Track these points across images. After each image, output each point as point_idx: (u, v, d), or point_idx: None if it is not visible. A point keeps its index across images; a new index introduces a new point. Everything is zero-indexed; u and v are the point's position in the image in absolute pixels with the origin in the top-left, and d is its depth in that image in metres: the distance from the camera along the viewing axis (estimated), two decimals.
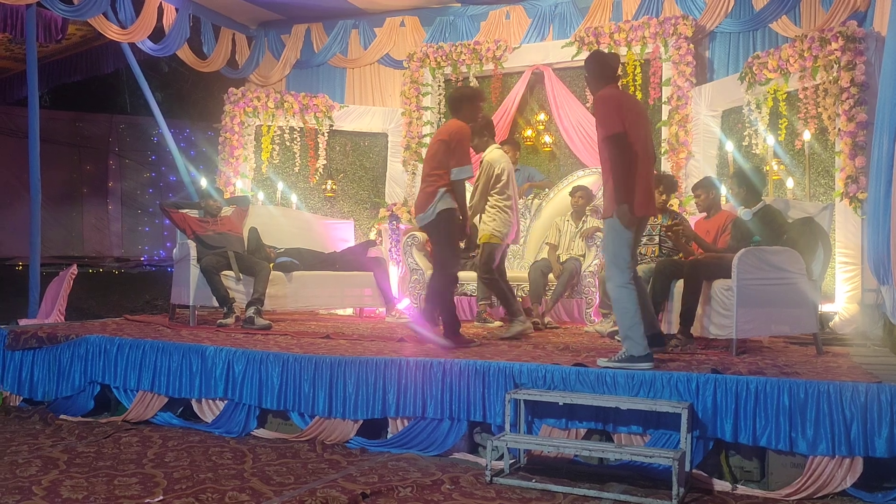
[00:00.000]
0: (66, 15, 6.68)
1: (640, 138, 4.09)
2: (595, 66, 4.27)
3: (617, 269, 4.06)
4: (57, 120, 12.12)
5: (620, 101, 4.11)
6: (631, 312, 4.01)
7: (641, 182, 4.06)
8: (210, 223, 6.27)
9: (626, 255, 4.07)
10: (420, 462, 3.91)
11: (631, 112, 4.10)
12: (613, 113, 4.03)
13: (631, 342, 3.98)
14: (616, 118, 4.01)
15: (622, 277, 4.04)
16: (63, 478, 3.56)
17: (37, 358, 5.17)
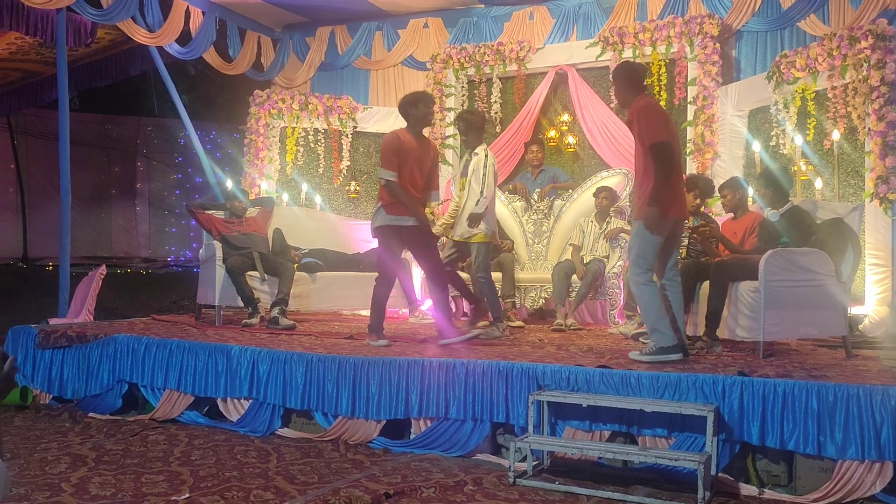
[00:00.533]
0: (95, 19, 6.78)
1: (677, 145, 4.25)
2: (625, 76, 4.38)
3: (639, 268, 4.23)
4: (86, 123, 12.31)
5: (662, 110, 4.27)
6: (655, 306, 4.19)
7: (676, 186, 4.24)
8: (235, 224, 6.33)
9: (650, 257, 4.24)
10: (443, 463, 3.91)
11: (671, 120, 4.26)
12: (659, 121, 4.18)
13: (659, 334, 4.16)
14: (662, 127, 4.17)
15: (643, 276, 4.22)
16: (91, 475, 3.61)
17: (66, 357, 5.26)
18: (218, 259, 6.02)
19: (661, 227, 4.20)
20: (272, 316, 5.84)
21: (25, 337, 5.39)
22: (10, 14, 6.85)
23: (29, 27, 7.02)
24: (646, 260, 4.23)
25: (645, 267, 4.23)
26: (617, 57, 7.13)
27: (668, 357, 4.10)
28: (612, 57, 7.15)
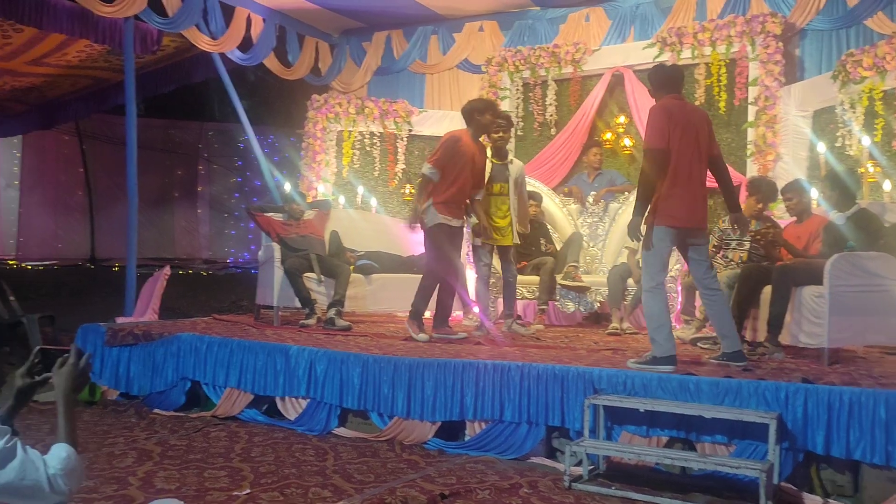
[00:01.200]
0: (161, 27, 7.00)
1: (688, 150, 4.10)
2: (658, 77, 4.34)
3: (647, 274, 4.19)
4: (151, 127, 12.70)
5: (669, 114, 4.11)
6: (656, 315, 4.12)
7: (680, 193, 4.09)
8: (293, 226, 6.44)
9: (659, 262, 4.16)
10: (498, 465, 3.92)
11: (678, 125, 4.10)
12: (659, 126, 4.08)
13: (656, 344, 4.09)
14: (659, 133, 4.07)
15: (650, 282, 4.15)
16: (157, 469, 3.73)
17: (133, 354, 5.43)
18: (276, 260, 6.14)
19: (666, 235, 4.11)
20: (329, 317, 5.93)
21: (94, 335, 5.59)
22: (81, 23, 7.11)
23: (98, 35, 7.28)
24: (653, 265, 4.16)
25: (653, 272, 4.15)
26: (675, 58, 7.02)
27: (657, 368, 3.96)
28: (671, 58, 7.05)
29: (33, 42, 7.78)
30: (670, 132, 4.07)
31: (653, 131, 4.11)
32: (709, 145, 4.27)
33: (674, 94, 4.26)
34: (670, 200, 4.10)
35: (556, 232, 7.13)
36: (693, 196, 4.15)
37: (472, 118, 5.35)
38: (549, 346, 5.16)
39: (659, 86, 4.32)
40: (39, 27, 6.90)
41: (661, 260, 4.18)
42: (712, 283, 4.30)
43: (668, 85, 4.29)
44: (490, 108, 5.45)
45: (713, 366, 4.19)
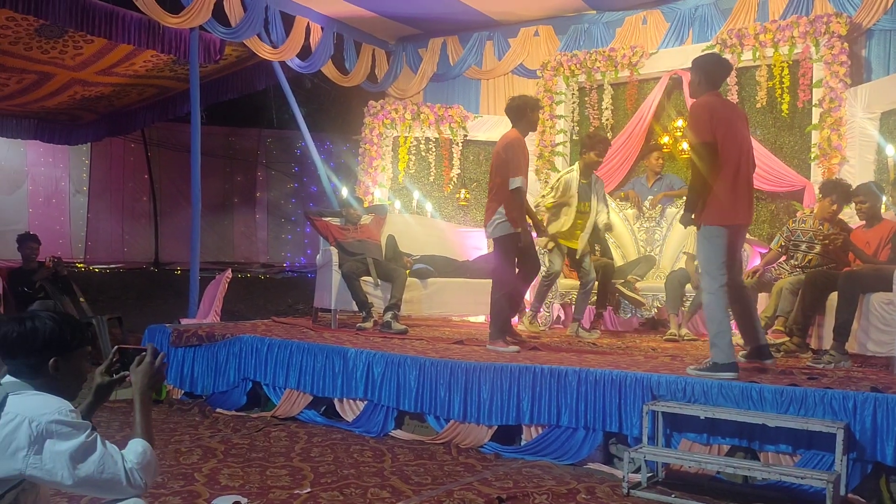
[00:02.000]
0: (224, 37, 7.20)
1: (734, 147, 4.04)
2: (706, 67, 4.19)
3: (708, 276, 4.08)
4: (212, 135, 13.02)
5: (714, 110, 4.05)
6: (718, 320, 4.03)
7: (730, 191, 4.02)
8: (350, 231, 6.54)
9: (718, 262, 4.05)
10: (554, 470, 3.91)
11: (724, 121, 4.04)
12: (705, 121, 4.01)
13: (717, 350, 3.99)
14: (706, 127, 4.00)
15: (713, 284, 4.05)
16: (221, 466, 3.83)
17: (197, 355, 5.59)
18: (334, 264, 6.24)
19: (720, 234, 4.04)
20: (385, 320, 6.00)
21: (161, 335, 5.76)
22: (148, 33, 7.36)
23: (164, 45, 7.51)
24: (714, 265, 4.05)
25: (715, 273, 4.04)
26: (735, 60, 6.90)
27: (720, 375, 3.87)
28: (731, 60, 6.91)
29: (103, 52, 8.08)
30: (714, 127, 4.01)
31: (699, 126, 4.05)
32: (748, 143, 4.22)
33: (714, 91, 4.19)
34: (718, 198, 4.04)
35: (613, 237, 7.07)
36: (741, 193, 4.09)
37: (525, 115, 5.25)
38: (607, 351, 5.13)
39: (709, 79, 4.17)
40: (109, 38, 7.15)
41: (720, 260, 4.07)
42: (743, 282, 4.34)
43: (716, 80, 4.20)
44: (537, 105, 5.49)
45: (776, 373, 4.10)
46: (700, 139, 4.02)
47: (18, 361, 1.97)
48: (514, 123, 5.32)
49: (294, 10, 7.83)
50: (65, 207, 12.95)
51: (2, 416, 1.84)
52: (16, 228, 10.30)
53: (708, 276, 4.08)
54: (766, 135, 6.91)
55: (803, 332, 4.86)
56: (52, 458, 1.84)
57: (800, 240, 5.29)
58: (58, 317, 2.04)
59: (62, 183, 12.97)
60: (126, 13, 7.08)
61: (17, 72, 8.48)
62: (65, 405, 1.92)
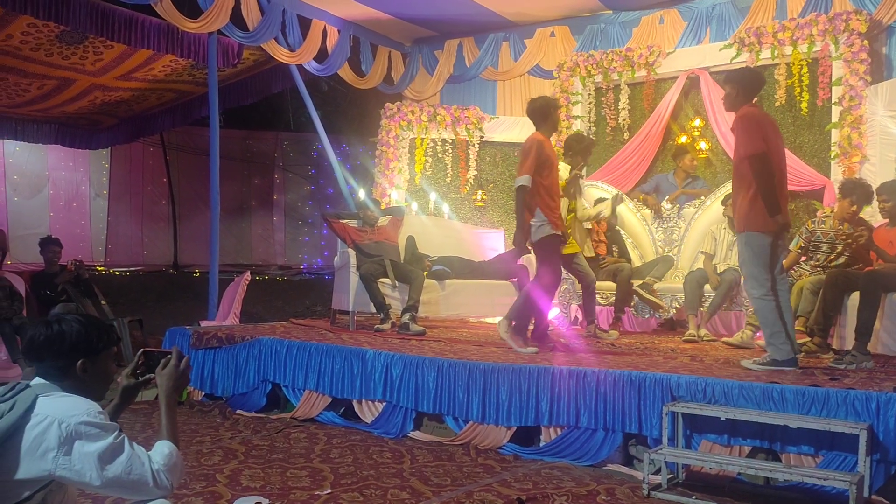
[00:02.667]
0: (242, 41, 7.26)
1: (777, 155, 4.24)
2: (744, 82, 4.36)
3: (755, 280, 4.23)
4: (230, 138, 13.08)
5: (761, 120, 4.24)
6: (772, 321, 4.21)
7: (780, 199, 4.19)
8: (367, 232, 6.57)
9: (763, 267, 4.22)
10: (574, 471, 3.90)
11: (769, 130, 4.24)
12: (756, 132, 4.17)
13: (774, 347, 4.19)
14: (758, 137, 4.16)
15: (761, 290, 4.22)
16: (242, 468, 3.86)
17: (217, 357, 5.63)
18: (352, 266, 6.27)
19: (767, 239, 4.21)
20: (403, 322, 6.02)
21: (181, 337, 5.81)
22: (167, 38, 7.42)
23: (183, 50, 7.58)
24: (761, 271, 4.22)
25: (762, 279, 4.23)
26: (754, 58, 6.86)
27: (781, 369, 4.11)
28: (749, 59, 6.89)
29: (123, 58, 8.16)
30: (765, 137, 4.18)
31: (752, 137, 4.18)
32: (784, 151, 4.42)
33: (753, 103, 4.36)
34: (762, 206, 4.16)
35: (630, 237, 7.06)
36: (783, 199, 4.28)
37: (548, 116, 5.18)
38: (625, 352, 5.11)
39: (747, 91, 4.35)
40: (129, 43, 7.23)
41: (765, 266, 4.23)
42: (783, 284, 4.39)
43: (753, 92, 4.37)
44: (557, 105, 5.51)
45: (798, 374, 4.07)
46: (755, 150, 4.16)
47: (46, 364, 2.00)
48: (539, 126, 5.22)
49: (311, 14, 7.88)
50: (85, 211, 13.09)
51: (32, 418, 1.87)
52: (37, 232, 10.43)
53: (755, 281, 4.23)
54: (785, 133, 6.81)
55: (824, 333, 4.83)
56: (80, 458, 1.87)
57: (820, 241, 5.25)
58: (84, 319, 2.07)
59: (82, 187, 13.11)
60: (145, 18, 7.15)
61: (38, 77, 8.59)
62: (93, 407, 1.95)
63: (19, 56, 7.86)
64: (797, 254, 5.39)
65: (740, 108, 4.31)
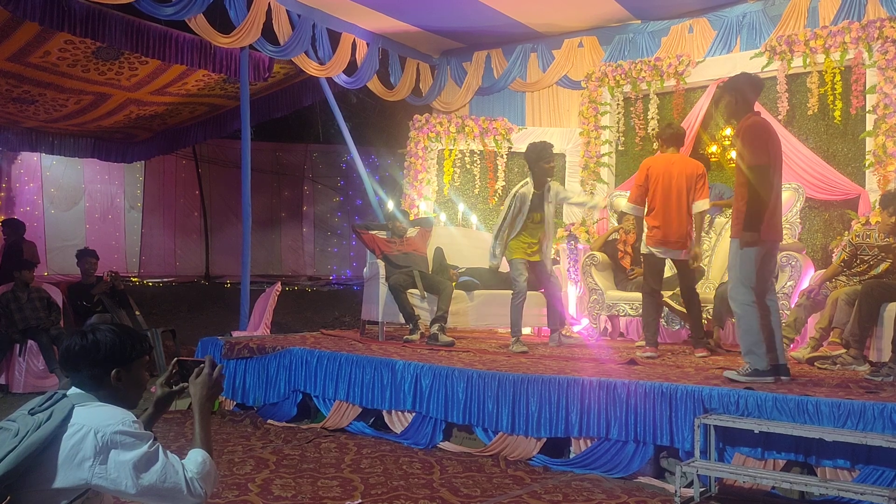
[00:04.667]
0: (273, 55, 7.36)
1: (776, 168, 4.23)
2: (743, 90, 4.33)
3: (743, 287, 4.21)
4: (260, 150, 13.29)
5: (768, 132, 4.23)
6: (754, 330, 4.17)
7: (773, 210, 4.20)
8: (396, 243, 6.60)
9: (751, 275, 4.20)
10: (604, 484, 3.88)
11: (773, 142, 4.23)
12: (762, 143, 4.17)
13: (755, 357, 4.14)
14: (764, 149, 4.16)
15: (747, 297, 4.20)
16: (273, 477, 3.90)
17: (248, 367, 5.69)
18: (381, 277, 6.30)
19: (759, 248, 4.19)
20: (432, 332, 6.03)
21: (213, 347, 5.89)
22: (200, 54, 7.57)
23: (216, 65, 7.72)
24: (748, 278, 4.20)
25: (749, 285, 4.19)
26: (785, 67, 6.78)
27: (762, 380, 4.06)
28: (780, 67, 6.81)
29: (157, 73, 8.33)
30: (769, 149, 4.17)
31: (757, 148, 4.17)
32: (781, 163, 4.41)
33: (754, 112, 4.35)
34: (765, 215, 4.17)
35: None
36: (779, 211, 4.30)
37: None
38: (656, 363, 5.06)
39: (747, 99, 4.32)
40: (163, 59, 7.38)
41: (755, 275, 4.22)
42: (773, 295, 4.42)
43: (752, 98, 4.34)
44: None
45: (832, 386, 4.01)
46: (759, 161, 4.14)
47: (82, 374, 2.04)
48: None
49: (340, 27, 7.97)
50: (120, 223, 13.34)
51: (69, 428, 1.91)
52: (74, 244, 10.66)
53: (743, 289, 4.21)
54: (818, 142, 6.77)
55: (860, 344, 4.74)
56: (116, 467, 1.90)
57: (866, 254, 5.16)
58: (117, 329, 2.11)
59: (117, 199, 13.37)
60: (179, 34, 7.30)
61: (75, 93, 8.80)
62: (128, 416, 1.98)
63: (57, 72, 8.06)
64: (839, 267, 5.29)
65: (744, 117, 4.29)
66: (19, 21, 6.65)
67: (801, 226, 6.47)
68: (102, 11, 6.61)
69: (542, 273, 5.94)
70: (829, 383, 4.10)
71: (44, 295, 6.98)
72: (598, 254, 6.94)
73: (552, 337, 6.09)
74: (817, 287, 5.31)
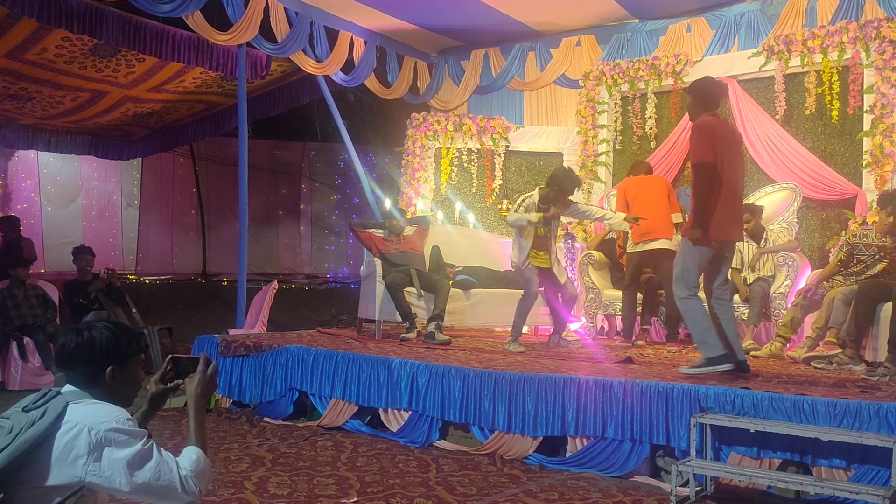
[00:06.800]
0: (271, 52, 7.35)
1: (730, 167, 4.26)
2: (699, 93, 4.43)
3: (683, 284, 4.29)
4: (257, 149, 13.27)
5: (715, 131, 4.27)
6: (700, 319, 4.27)
7: (725, 208, 4.24)
8: (394, 242, 6.60)
9: (694, 273, 4.30)
10: (600, 483, 3.88)
11: (723, 141, 4.27)
12: (706, 142, 4.22)
13: (706, 346, 4.23)
14: (707, 147, 4.21)
15: (687, 292, 4.28)
16: (269, 475, 3.89)
17: (245, 365, 5.68)
18: (378, 275, 6.30)
19: (706, 247, 4.25)
20: (429, 331, 6.02)
21: (209, 345, 5.88)
22: (197, 51, 7.54)
23: (212, 63, 7.69)
24: (691, 275, 4.28)
25: (690, 283, 4.27)
26: (783, 66, 6.79)
27: (716, 368, 4.14)
28: (778, 66, 6.82)
29: (154, 70, 8.31)
30: (715, 147, 4.21)
31: (700, 147, 4.26)
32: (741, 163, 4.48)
33: (712, 112, 4.39)
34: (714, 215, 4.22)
35: None
36: (734, 211, 4.34)
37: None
38: (653, 362, 5.07)
39: (704, 101, 4.39)
40: (160, 56, 7.36)
41: (699, 270, 4.32)
42: (724, 294, 4.48)
43: (711, 102, 4.40)
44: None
45: (829, 386, 4.01)
46: (703, 159, 4.23)
47: (77, 371, 2.03)
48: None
49: (338, 25, 7.95)
50: (117, 220, 13.32)
51: (63, 425, 1.90)
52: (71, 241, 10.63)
53: (683, 285, 4.29)
54: (815, 142, 6.77)
55: (856, 344, 4.75)
56: (110, 465, 1.89)
57: (862, 254, 5.16)
58: (113, 326, 2.10)
59: (114, 197, 13.35)
60: (176, 32, 7.28)
61: (72, 90, 8.77)
62: (122, 413, 1.97)
63: (54, 69, 8.04)
64: (836, 267, 5.29)
65: (698, 118, 4.37)
66: (16, 17, 6.63)
67: (799, 225, 6.47)
68: (99, 8, 6.59)
69: (553, 280, 5.89)
70: (825, 383, 4.10)
71: (40, 292, 6.97)
72: (595, 253, 6.94)
73: (552, 338, 6.08)
74: (814, 287, 5.31)
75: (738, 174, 4.39)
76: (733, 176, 4.30)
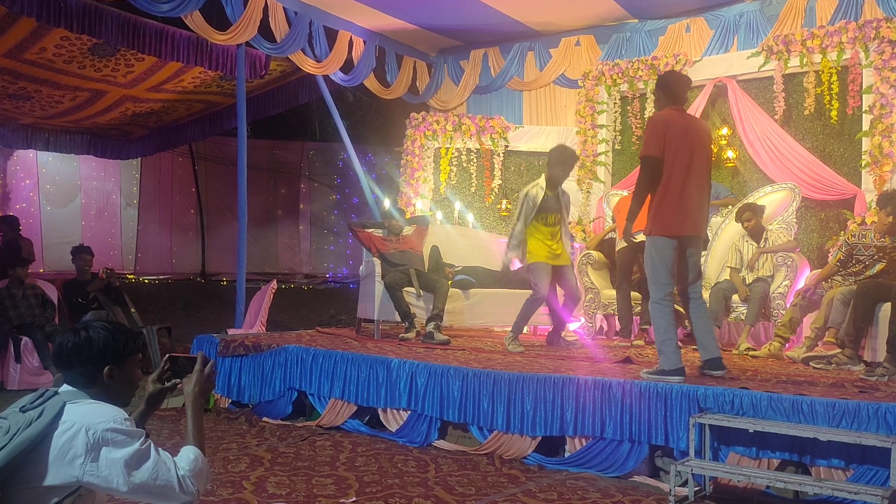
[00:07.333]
0: (270, 52, 7.34)
1: (681, 162, 4.15)
2: (661, 87, 4.42)
3: (655, 285, 4.24)
4: (257, 148, 13.25)
5: (667, 125, 4.20)
6: (663, 328, 4.20)
7: (673, 203, 4.16)
8: (393, 242, 6.59)
9: (663, 272, 4.22)
10: (599, 483, 3.87)
11: (676, 136, 4.17)
12: (655, 136, 4.18)
13: (664, 356, 4.18)
14: (654, 142, 4.17)
15: (658, 294, 4.21)
16: (268, 475, 3.89)
17: (244, 364, 5.68)
18: (377, 275, 6.29)
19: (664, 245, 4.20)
20: (428, 331, 6.02)
21: (208, 345, 5.87)
22: (196, 51, 7.54)
23: (212, 62, 7.69)
24: (661, 275, 4.22)
25: (661, 282, 4.21)
26: (782, 66, 6.79)
27: (667, 379, 4.07)
28: (777, 66, 6.82)
29: (153, 70, 8.30)
30: (666, 142, 4.16)
31: (648, 140, 4.23)
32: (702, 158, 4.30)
33: (675, 106, 4.35)
34: (664, 210, 4.19)
35: None
36: (687, 206, 4.20)
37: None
38: (652, 362, 5.06)
39: (666, 94, 4.38)
40: (159, 56, 7.35)
41: (667, 270, 4.23)
42: (697, 294, 4.41)
43: (672, 96, 4.35)
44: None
45: (828, 386, 4.01)
46: (645, 153, 4.22)
47: (75, 371, 2.03)
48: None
49: (337, 25, 7.95)
50: (116, 220, 13.31)
51: (60, 425, 1.90)
52: (70, 240, 10.62)
53: (654, 286, 4.24)
54: (814, 142, 6.78)
55: (855, 344, 4.75)
56: (107, 465, 1.89)
57: (861, 254, 5.16)
58: (110, 326, 2.10)
59: (113, 196, 13.33)
60: (175, 31, 7.27)
61: (70, 89, 8.77)
62: (120, 413, 1.97)
63: (53, 68, 8.03)
64: (835, 267, 5.29)
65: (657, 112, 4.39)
66: (16, 17, 6.62)
67: (798, 225, 6.47)
68: (99, 8, 6.59)
69: (565, 279, 5.77)
70: (823, 383, 4.10)
71: (38, 292, 6.96)
72: (594, 252, 6.94)
73: (550, 337, 6.08)
74: (813, 287, 5.31)
75: (694, 170, 4.20)
76: (685, 171, 4.16)
